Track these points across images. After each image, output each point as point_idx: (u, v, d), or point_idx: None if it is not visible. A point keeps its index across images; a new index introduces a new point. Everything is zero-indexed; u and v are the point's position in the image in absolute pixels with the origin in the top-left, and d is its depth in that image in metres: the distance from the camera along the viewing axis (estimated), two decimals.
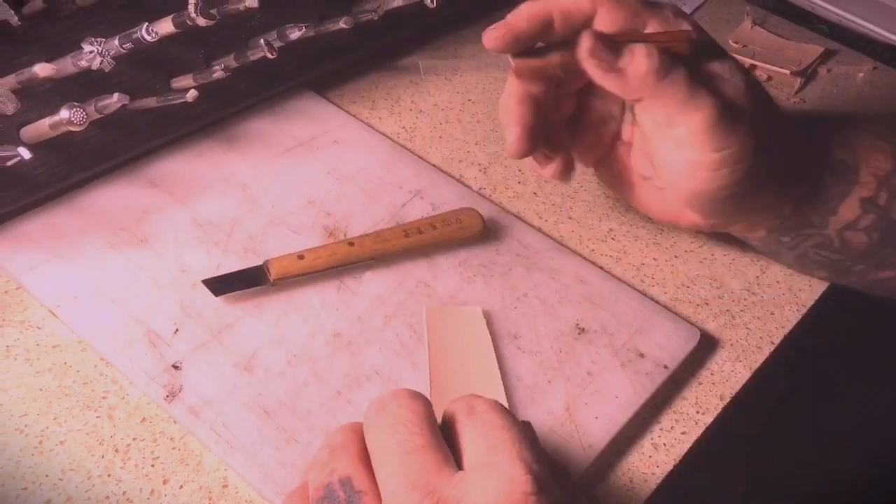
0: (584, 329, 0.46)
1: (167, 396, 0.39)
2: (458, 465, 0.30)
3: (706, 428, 0.43)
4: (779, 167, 0.45)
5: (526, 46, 0.42)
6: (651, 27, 0.43)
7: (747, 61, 0.70)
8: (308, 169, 0.52)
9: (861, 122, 0.48)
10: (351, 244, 0.46)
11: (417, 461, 0.29)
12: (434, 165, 0.55)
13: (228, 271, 0.45)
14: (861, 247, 0.46)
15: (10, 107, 0.38)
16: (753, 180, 0.43)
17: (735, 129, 0.42)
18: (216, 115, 0.53)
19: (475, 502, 0.28)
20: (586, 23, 0.42)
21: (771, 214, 0.46)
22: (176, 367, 0.40)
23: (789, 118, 0.47)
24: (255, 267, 0.45)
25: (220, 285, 0.43)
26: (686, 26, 0.43)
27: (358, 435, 0.32)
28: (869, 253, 0.47)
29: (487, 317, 0.45)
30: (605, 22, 0.42)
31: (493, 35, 0.41)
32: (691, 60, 0.42)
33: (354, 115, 0.57)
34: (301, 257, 0.45)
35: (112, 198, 0.48)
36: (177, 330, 0.42)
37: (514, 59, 0.42)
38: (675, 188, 0.45)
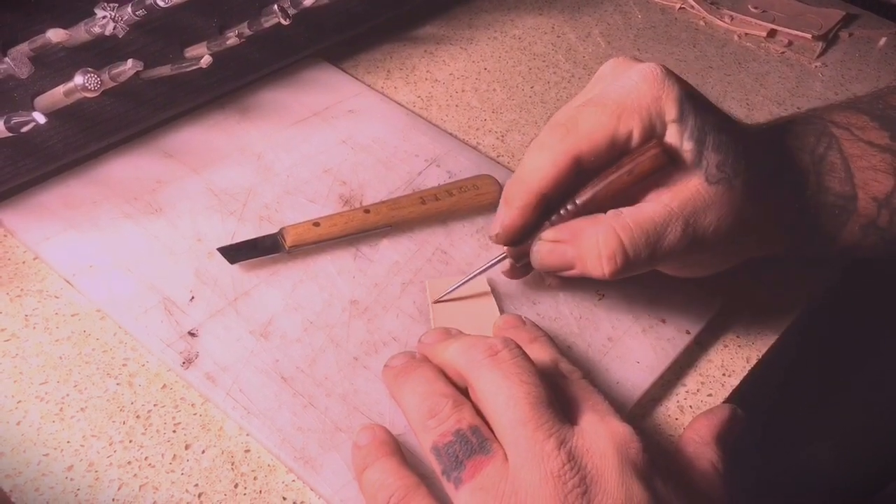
0: (604, 295, 0.45)
1: (184, 363, 0.39)
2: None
3: (733, 390, 0.42)
4: (767, 236, 0.42)
5: (528, 231, 0.41)
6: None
7: (768, 26, 0.69)
8: (323, 138, 0.52)
9: (854, 124, 0.43)
10: (367, 211, 0.46)
11: (547, 413, 0.32)
12: (450, 134, 0.54)
13: (244, 239, 0.44)
14: (872, 257, 0.44)
15: (24, 70, 0.37)
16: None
17: (708, 263, 0.41)
18: (230, 85, 0.53)
19: (601, 452, 0.31)
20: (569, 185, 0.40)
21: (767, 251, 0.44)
22: (192, 335, 0.40)
23: (778, 166, 0.41)
24: (270, 234, 0.44)
25: (236, 253, 0.43)
26: (653, 144, 0.38)
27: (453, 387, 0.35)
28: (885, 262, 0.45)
29: (504, 283, 0.45)
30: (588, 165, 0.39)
31: (494, 238, 0.41)
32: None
33: (369, 85, 0.57)
34: (317, 225, 0.44)
35: (127, 168, 0.48)
36: (192, 298, 0.42)
37: (507, 250, 0.42)
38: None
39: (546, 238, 0.40)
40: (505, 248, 0.42)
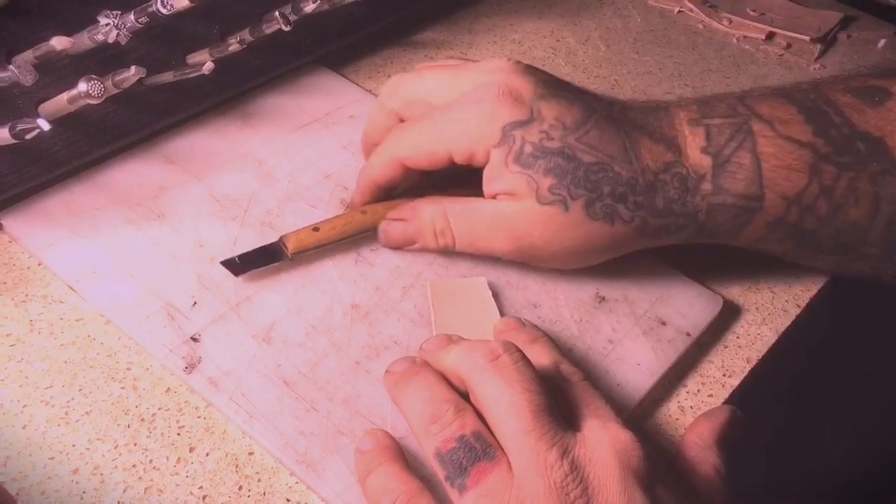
0: (604, 298, 0.45)
1: (186, 368, 0.39)
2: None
3: (733, 391, 0.42)
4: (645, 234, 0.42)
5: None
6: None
7: (766, 28, 0.69)
8: (324, 144, 0.52)
9: (779, 117, 0.41)
10: (364, 213, 0.46)
11: (549, 422, 0.32)
12: None
13: (246, 245, 0.44)
14: (782, 253, 0.44)
15: (28, 78, 0.38)
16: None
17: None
18: (232, 92, 0.53)
19: (603, 461, 0.32)
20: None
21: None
22: (195, 340, 0.40)
23: (654, 178, 0.41)
24: (271, 244, 0.44)
25: (240, 266, 0.43)
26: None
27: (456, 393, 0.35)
28: (795, 256, 0.44)
29: (505, 286, 0.45)
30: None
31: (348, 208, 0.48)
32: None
33: (370, 91, 0.57)
34: (316, 229, 0.45)
35: (129, 174, 0.48)
36: (195, 303, 0.42)
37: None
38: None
39: (390, 216, 0.45)
40: None
